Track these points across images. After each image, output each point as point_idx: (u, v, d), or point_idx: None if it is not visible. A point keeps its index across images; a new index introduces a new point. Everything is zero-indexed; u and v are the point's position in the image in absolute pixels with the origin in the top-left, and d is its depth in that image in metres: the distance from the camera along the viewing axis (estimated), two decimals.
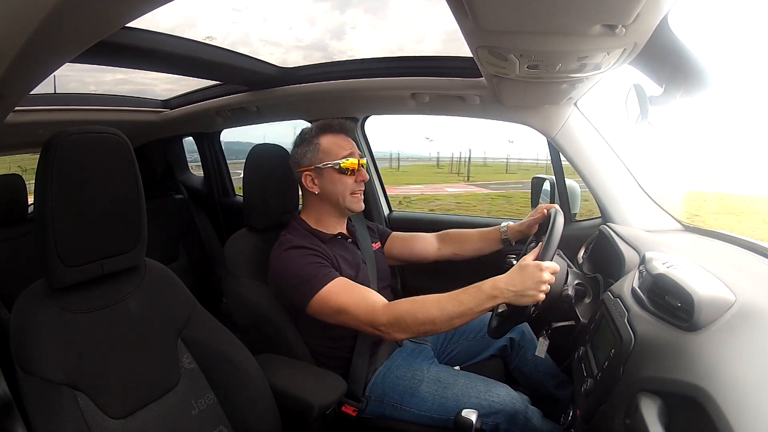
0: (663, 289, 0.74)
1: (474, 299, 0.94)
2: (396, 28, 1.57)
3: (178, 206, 2.37)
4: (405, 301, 1.00)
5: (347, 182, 1.17)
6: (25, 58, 0.64)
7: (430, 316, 0.95)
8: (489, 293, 0.93)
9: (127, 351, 0.84)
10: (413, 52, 1.34)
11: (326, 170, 1.16)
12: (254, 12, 0.58)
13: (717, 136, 5.58)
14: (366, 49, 1.58)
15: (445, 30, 1.39)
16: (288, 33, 1.32)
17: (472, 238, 1.35)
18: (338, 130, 1.19)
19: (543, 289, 0.91)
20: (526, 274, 0.92)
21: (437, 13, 1.50)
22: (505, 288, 0.92)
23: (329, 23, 1.58)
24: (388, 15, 1.81)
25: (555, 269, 0.93)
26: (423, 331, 0.98)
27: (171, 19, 0.69)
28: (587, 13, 0.66)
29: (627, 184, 1.34)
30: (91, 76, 1.70)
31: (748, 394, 0.49)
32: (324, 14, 1.68)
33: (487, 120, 1.54)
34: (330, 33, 1.57)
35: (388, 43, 1.61)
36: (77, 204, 0.78)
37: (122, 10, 0.64)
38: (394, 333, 0.99)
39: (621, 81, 1.06)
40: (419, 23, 1.58)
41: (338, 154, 1.16)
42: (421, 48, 1.63)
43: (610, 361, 0.74)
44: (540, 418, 1.04)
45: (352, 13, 1.88)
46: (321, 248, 1.11)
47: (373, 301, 1.02)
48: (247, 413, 0.93)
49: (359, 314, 1.01)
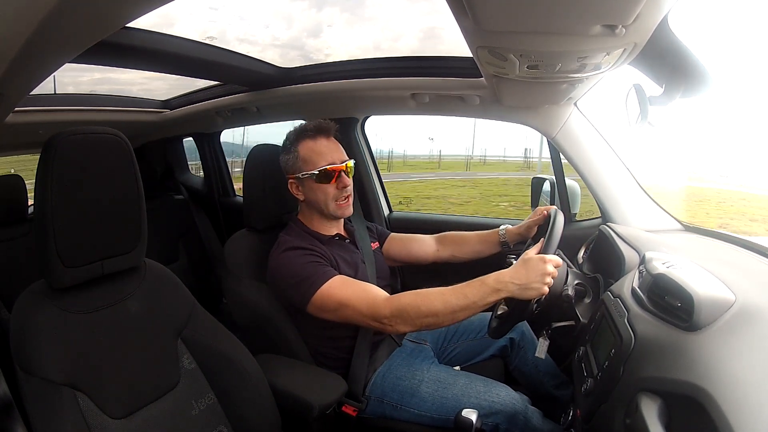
0: (663, 289, 0.74)
1: (478, 292, 0.93)
2: (372, 26, 1.57)
3: (178, 206, 2.36)
4: (408, 294, 1.00)
5: (327, 190, 1.14)
6: (25, 58, 0.64)
7: (433, 309, 0.95)
8: (493, 286, 0.93)
9: (127, 351, 0.84)
10: (390, 50, 1.34)
11: (306, 180, 1.14)
12: (231, 11, 0.58)
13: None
14: (342, 48, 1.58)
15: (421, 28, 1.39)
16: (265, 31, 1.31)
17: (471, 240, 1.35)
18: (316, 134, 1.15)
19: (547, 282, 0.91)
20: (530, 266, 0.91)
21: (414, 11, 1.51)
22: (509, 281, 0.92)
23: (306, 22, 1.56)
24: (364, 13, 1.80)
25: (558, 262, 0.93)
26: (426, 324, 0.97)
27: (148, 18, 0.69)
28: (587, 13, 0.66)
29: (627, 184, 1.34)
30: (68, 76, 1.69)
31: (748, 394, 0.49)
32: (301, 13, 1.67)
33: (486, 120, 1.54)
34: (307, 31, 1.57)
35: (364, 41, 1.60)
36: (77, 204, 0.78)
37: (122, 10, 0.64)
38: (396, 326, 0.98)
39: (621, 81, 1.06)
40: (396, 21, 1.58)
41: (316, 162, 1.13)
42: (398, 45, 1.64)
43: (610, 361, 0.74)
44: (540, 419, 1.04)
45: (329, 12, 1.87)
46: (319, 248, 1.11)
47: (375, 294, 1.02)
48: (247, 413, 0.93)
49: (361, 307, 1.00)
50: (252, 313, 1.15)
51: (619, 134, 1.34)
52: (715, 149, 6.91)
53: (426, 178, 14.17)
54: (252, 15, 1.28)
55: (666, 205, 1.32)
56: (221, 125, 2.11)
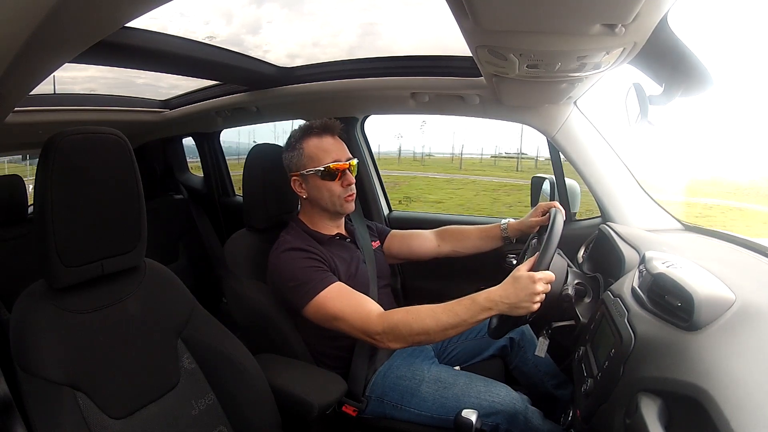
0: (663, 289, 0.74)
1: (468, 311, 0.94)
2: (312, 21, 1.56)
3: (178, 206, 2.37)
4: (400, 311, 1.00)
5: (333, 188, 1.15)
6: (25, 58, 0.64)
7: (425, 327, 0.96)
8: (483, 305, 0.94)
9: (127, 351, 0.84)
10: (330, 45, 1.32)
11: (311, 176, 1.15)
12: (173, 7, 0.58)
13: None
14: (281, 44, 1.57)
15: (360, 23, 1.39)
16: (204, 27, 1.30)
17: (472, 235, 1.35)
18: (321, 132, 1.16)
19: (536, 300, 0.91)
20: (519, 286, 0.92)
21: (353, 7, 1.50)
22: (499, 300, 0.93)
23: (246, 18, 1.55)
24: (303, 9, 1.78)
25: (549, 278, 0.93)
26: (417, 341, 0.99)
27: (148, 18, 0.70)
28: (587, 12, 0.66)
29: (627, 183, 1.34)
30: (67, 75, 1.68)
31: (748, 394, 0.49)
32: (241, 9, 1.65)
33: (486, 120, 1.54)
34: (246, 27, 1.55)
35: (303, 37, 1.59)
36: (77, 204, 0.78)
37: (122, 10, 0.64)
38: (388, 342, 1.00)
39: (621, 81, 1.06)
40: (335, 17, 1.58)
41: (322, 159, 1.14)
42: (337, 41, 1.64)
43: (610, 360, 0.74)
44: (540, 419, 1.04)
45: (269, 7, 1.85)
46: (318, 251, 1.11)
47: (369, 310, 1.02)
48: (247, 413, 0.93)
49: (354, 322, 1.01)
50: (252, 313, 1.15)
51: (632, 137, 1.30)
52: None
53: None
54: (193, 11, 1.27)
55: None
56: (221, 125, 2.11)
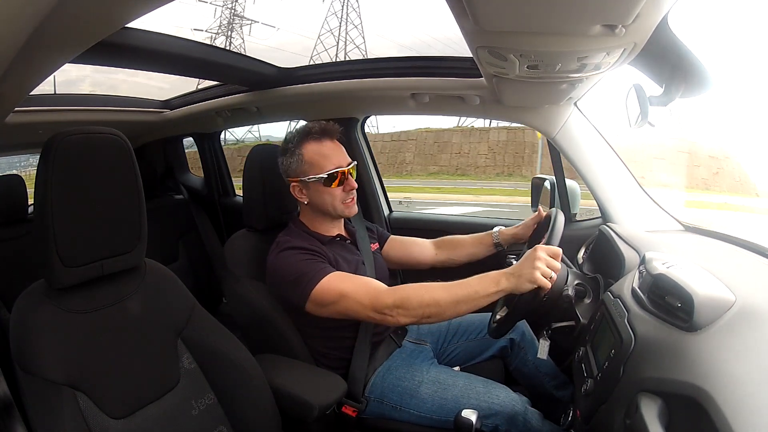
0: (663, 290, 0.74)
1: (479, 282, 0.95)
2: None
3: (178, 206, 2.36)
4: (410, 284, 1.01)
5: (335, 193, 1.14)
6: (25, 58, 0.64)
7: (436, 297, 0.95)
8: (493, 278, 0.95)
9: (127, 351, 0.84)
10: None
11: (312, 183, 1.13)
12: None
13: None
14: None
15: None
16: None
17: (466, 243, 1.38)
18: (321, 136, 1.14)
19: (537, 266, 0.91)
20: (524, 258, 0.94)
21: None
22: (508, 273, 0.94)
23: None
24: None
25: (556, 252, 0.94)
26: (428, 314, 0.97)
27: (148, 18, 0.70)
28: (587, 13, 0.66)
29: (627, 184, 1.34)
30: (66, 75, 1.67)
31: (748, 395, 0.49)
32: None
33: (486, 120, 1.54)
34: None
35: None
36: (77, 204, 0.78)
37: (122, 10, 0.65)
38: (398, 316, 0.98)
39: (621, 81, 1.06)
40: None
41: (323, 166, 1.12)
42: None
43: (610, 361, 0.74)
44: (539, 420, 1.04)
45: None
46: (320, 248, 1.11)
47: (376, 285, 1.02)
48: (247, 413, 0.93)
49: (362, 298, 1.00)
50: (252, 313, 1.15)
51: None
52: None
53: None
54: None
55: None
56: (221, 125, 2.11)
